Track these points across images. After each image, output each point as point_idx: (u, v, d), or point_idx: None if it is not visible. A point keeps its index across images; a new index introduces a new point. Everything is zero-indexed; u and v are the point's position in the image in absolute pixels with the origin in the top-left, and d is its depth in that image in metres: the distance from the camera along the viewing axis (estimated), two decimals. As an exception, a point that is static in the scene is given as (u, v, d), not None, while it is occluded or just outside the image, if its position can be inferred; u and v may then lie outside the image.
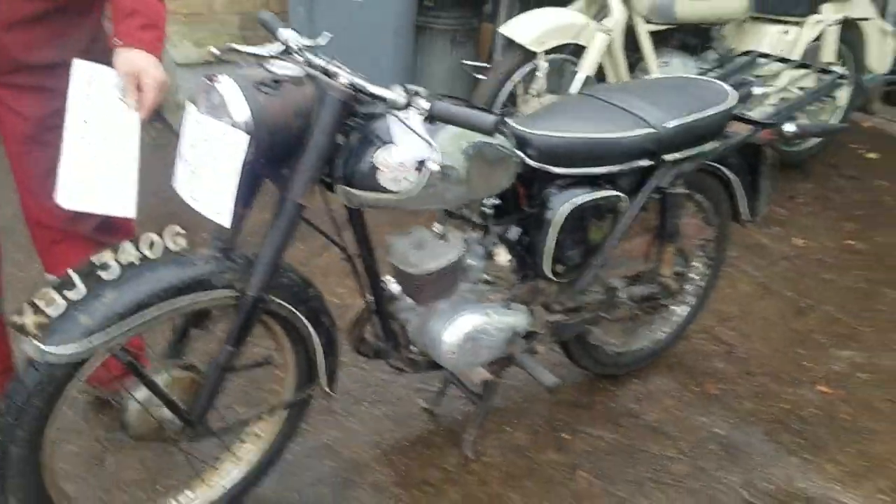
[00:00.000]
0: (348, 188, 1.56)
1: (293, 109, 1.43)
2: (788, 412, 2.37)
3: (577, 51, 3.42)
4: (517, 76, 3.37)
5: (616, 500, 2.00)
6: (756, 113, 3.59)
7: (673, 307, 2.54)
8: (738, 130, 2.15)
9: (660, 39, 3.74)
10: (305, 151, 1.47)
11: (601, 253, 2.01)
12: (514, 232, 1.93)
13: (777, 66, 2.68)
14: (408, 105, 1.42)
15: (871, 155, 4.41)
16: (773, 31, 3.75)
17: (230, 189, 1.39)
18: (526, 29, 3.31)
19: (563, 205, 1.86)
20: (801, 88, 3.45)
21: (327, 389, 1.80)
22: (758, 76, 2.39)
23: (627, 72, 3.61)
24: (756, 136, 2.28)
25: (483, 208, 1.85)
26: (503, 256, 1.89)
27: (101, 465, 1.96)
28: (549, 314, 2.05)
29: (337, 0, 3.83)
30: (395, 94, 1.43)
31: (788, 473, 2.13)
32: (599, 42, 3.38)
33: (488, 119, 1.35)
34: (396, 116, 1.45)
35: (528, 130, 1.83)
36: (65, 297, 1.35)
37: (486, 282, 1.96)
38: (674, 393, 2.42)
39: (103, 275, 1.38)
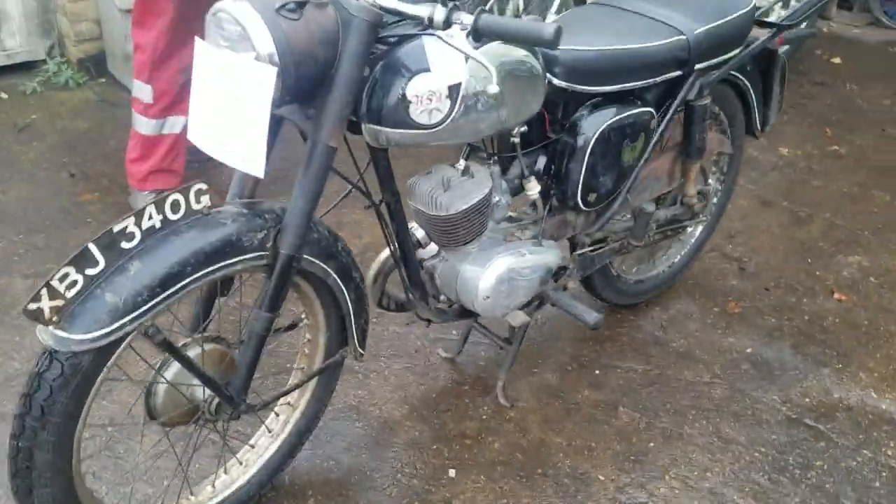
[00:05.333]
0: (375, 126, 1.39)
1: (318, 37, 1.25)
2: (810, 323, 2.34)
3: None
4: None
5: (661, 433, 1.93)
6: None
7: (689, 228, 2.46)
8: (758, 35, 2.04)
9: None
10: (334, 85, 1.29)
11: (631, 176, 1.90)
12: (541, 161, 1.79)
13: None
14: (449, 23, 1.25)
15: (836, 60, 4.39)
16: None
17: (260, 133, 1.21)
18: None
19: (592, 127, 1.73)
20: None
21: (360, 350, 1.65)
22: None
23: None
24: (773, 42, 2.18)
25: (512, 138, 1.70)
26: (535, 188, 1.76)
27: (130, 457, 1.79)
28: (579, 247, 1.94)
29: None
30: (433, 10, 1.25)
31: (824, 386, 2.10)
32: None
33: (547, 28, 1.19)
34: (438, 37, 1.27)
35: (554, 48, 1.68)
36: (84, 274, 1.16)
37: (511, 219, 1.83)
38: (696, 316, 2.36)
39: (125, 244, 1.19)
